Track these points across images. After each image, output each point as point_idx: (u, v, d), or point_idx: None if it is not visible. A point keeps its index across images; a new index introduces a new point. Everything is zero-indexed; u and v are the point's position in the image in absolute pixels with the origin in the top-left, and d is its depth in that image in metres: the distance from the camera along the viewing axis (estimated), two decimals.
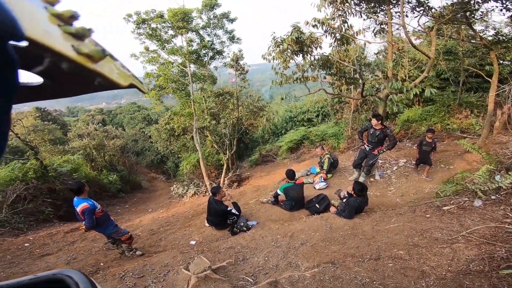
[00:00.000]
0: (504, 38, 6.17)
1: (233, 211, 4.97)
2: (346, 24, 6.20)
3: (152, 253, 4.55)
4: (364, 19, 6.52)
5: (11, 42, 0.25)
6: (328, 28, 6.12)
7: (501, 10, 5.56)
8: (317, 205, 5.10)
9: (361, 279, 2.57)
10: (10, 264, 4.59)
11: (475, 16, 6.21)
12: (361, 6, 6.38)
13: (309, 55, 6.42)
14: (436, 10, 6.00)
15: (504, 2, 5.34)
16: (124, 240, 4.21)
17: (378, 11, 6.68)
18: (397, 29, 7.30)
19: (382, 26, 6.83)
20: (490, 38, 6.65)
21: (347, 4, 5.85)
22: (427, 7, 6.01)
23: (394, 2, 6.14)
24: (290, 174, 5.39)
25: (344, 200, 4.52)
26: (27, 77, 0.35)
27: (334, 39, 6.41)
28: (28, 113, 18.04)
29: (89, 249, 5.10)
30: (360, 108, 11.28)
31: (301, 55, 6.34)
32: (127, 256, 4.40)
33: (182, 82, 10.22)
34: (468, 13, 5.83)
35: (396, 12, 6.50)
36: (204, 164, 9.49)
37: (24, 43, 0.26)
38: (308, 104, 16.41)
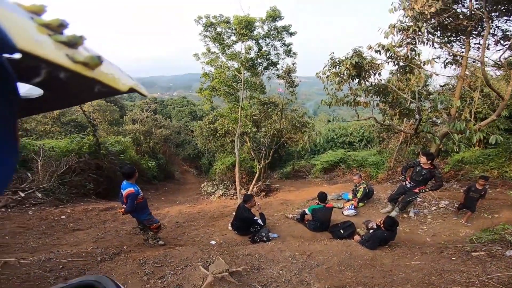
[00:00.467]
0: None
1: (259, 221, 5.04)
2: (413, 52, 5.85)
3: (173, 245, 4.65)
4: (435, 48, 6.07)
5: (4, 55, 0.24)
6: (392, 55, 5.85)
7: None
8: (341, 230, 4.99)
9: None
10: (42, 234, 4.93)
11: None
12: (435, 35, 5.96)
13: (365, 81, 6.18)
14: None
15: None
16: (152, 228, 4.35)
17: (454, 40, 6.18)
18: (473, 61, 6.63)
19: (455, 57, 6.29)
20: None
21: (419, 33, 5.53)
22: None
23: (475, 33, 5.62)
24: (322, 197, 5.30)
25: (371, 231, 4.42)
26: (27, 90, 0.35)
27: (397, 66, 6.09)
28: None
29: (117, 231, 5.36)
30: (409, 140, 10.52)
31: (357, 79, 6.14)
32: (150, 244, 4.54)
33: (233, 87, 10.58)
34: None
35: (475, 44, 5.94)
36: (238, 169, 9.63)
37: (17, 55, 0.25)
38: (352, 127, 15.83)
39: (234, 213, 6.85)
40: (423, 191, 5.39)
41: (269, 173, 13.91)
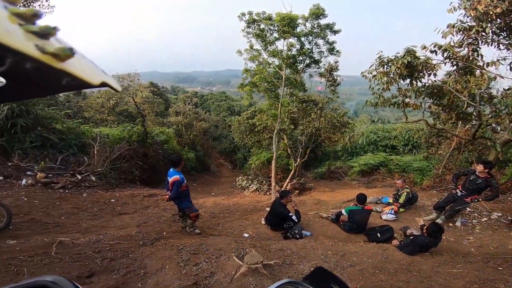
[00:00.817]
0: None
1: (293, 217, 5.04)
2: (475, 53, 5.35)
3: (208, 234, 4.87)
4: (501, 50, 5.43)
5: None
6: (451, 56, 5.42)
7: None
8: (379, 234, 4.84)
9: None
10: (93, 216, 5.43)
11: None
12: (501, 35, 5.33)
13: (418, 81, 5.79)
14: None
15: None
16: (191, 216, 4.59)
17: None
18: None
19: None
20: None
21: (483, 34, 5.03)
22: None
23: None
24: (362, 199, 5.16)
25: (411, 238, 4.27)
26: None
27: (455, 67, 5.61)
28: (145, 86, 21.52)
29: (159, 217, 5.72)
30: (463, 147, 9.56)
31: (408, 79, 5.78)
32: (187, 231, 4.79)
33: (274, 84, 10.62)
34: None
35: None
36: (275, 165, 9.69)
37: None
38: (397, 130, 14.84)
39: (267, 208, 6.93)
40: (475, 200, 5.09)
41: (303, 172, 13.73)
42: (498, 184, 5.06)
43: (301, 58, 10.69)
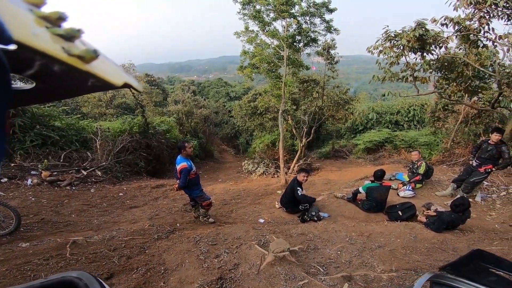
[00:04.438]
0: None
1: (301, 195, 4.94)
2: (487, 27, 5.22)
3: (222, 223, 4.75)
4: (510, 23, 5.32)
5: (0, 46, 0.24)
6: (462, 28, 5.32)
7: None
8: (400, 212, 4.72)
9: None
10: (104, 212, 5.29)
11: None
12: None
13: (429, 54, 5.71)
14: None
15: None
16: (204, 205, 4.46)
17: None
18: None
19: None
20: None
21: (495, 7, 4.90)
22: None
23: None
24: (379, 175, 5.04)
25: (436, 214, 4.20)
26: (19, 81, 0.27)
27: (465, 40, 5.54)
28: (140, 77, 20.95)
29: (170, 208, 5.60)
30: (470, 120, 9.43)
31: (419, 53, 5.70)
32: (201, 221, 4.68)
33: (275, 64, 10.33)
34: None
35: None
36: (282, 146, 9.58)
37: (12, 47, 0.25)
38: (399, 106, 14.55)
39: (279, 191, 6.86)
40: (489, 171, 5.05)
41: (307, 153, 13.66)
42: (510, 151, 4.98)
43: (299, 38, 10.38)
